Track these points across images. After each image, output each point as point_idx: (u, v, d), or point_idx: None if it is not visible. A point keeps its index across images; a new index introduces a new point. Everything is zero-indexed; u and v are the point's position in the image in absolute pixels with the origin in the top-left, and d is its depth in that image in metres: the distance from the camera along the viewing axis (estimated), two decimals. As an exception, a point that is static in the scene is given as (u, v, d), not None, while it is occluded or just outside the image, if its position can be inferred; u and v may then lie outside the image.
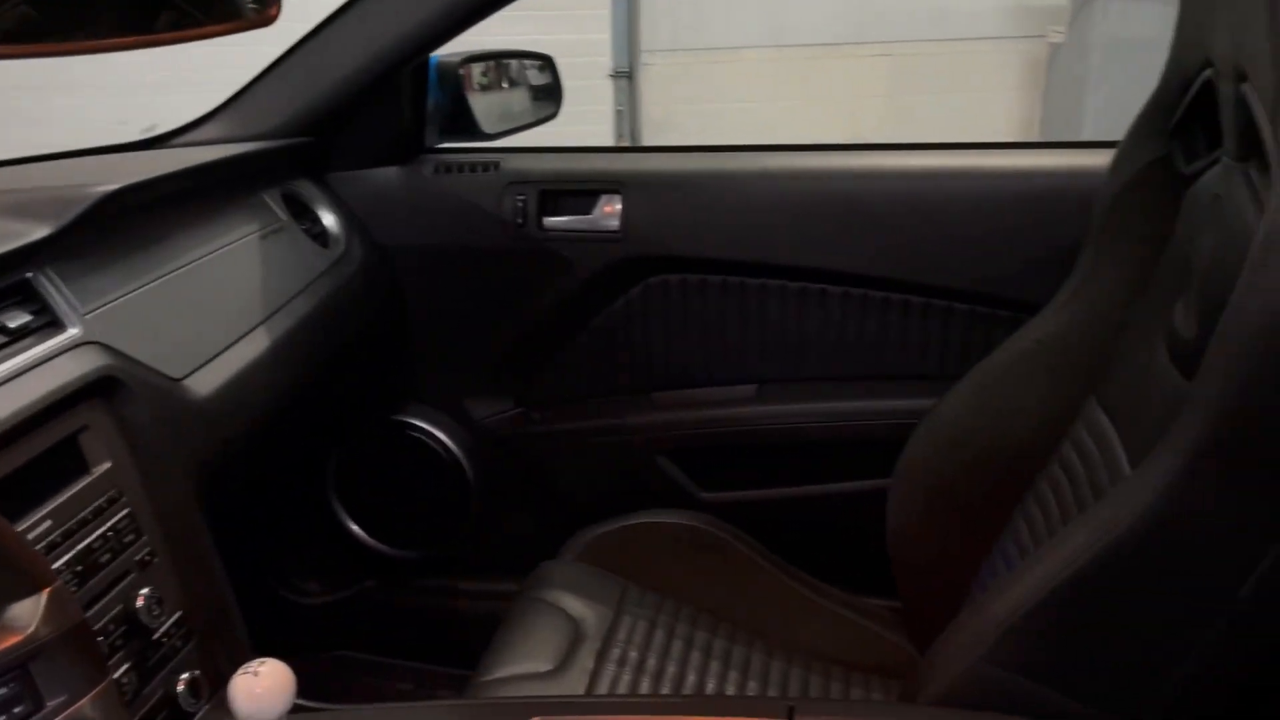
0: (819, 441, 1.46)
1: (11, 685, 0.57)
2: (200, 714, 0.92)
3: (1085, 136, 3.74)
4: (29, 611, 0.58)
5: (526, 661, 1.20)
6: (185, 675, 0.91)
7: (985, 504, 1.22)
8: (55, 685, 0.58)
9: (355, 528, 1.63)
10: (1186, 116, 1.05)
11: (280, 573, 1.64)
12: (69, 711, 0.59)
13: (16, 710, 0.57)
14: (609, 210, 1.46)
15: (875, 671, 1.28)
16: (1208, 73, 0.97)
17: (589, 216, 1.47)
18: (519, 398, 1.57)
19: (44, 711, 0.58)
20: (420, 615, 1.63)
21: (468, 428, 1.57)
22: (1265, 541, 0.76)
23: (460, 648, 1.40)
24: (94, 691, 0.60)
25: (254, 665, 0.82)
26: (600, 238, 1.46)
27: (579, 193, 1.47)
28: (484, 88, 1.57)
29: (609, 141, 4.55)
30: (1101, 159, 1.28)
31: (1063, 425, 1.14)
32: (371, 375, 1.52)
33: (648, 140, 4.68)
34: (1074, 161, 1.33)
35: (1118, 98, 3.50)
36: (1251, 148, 0.86)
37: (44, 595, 0.58)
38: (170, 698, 0.89)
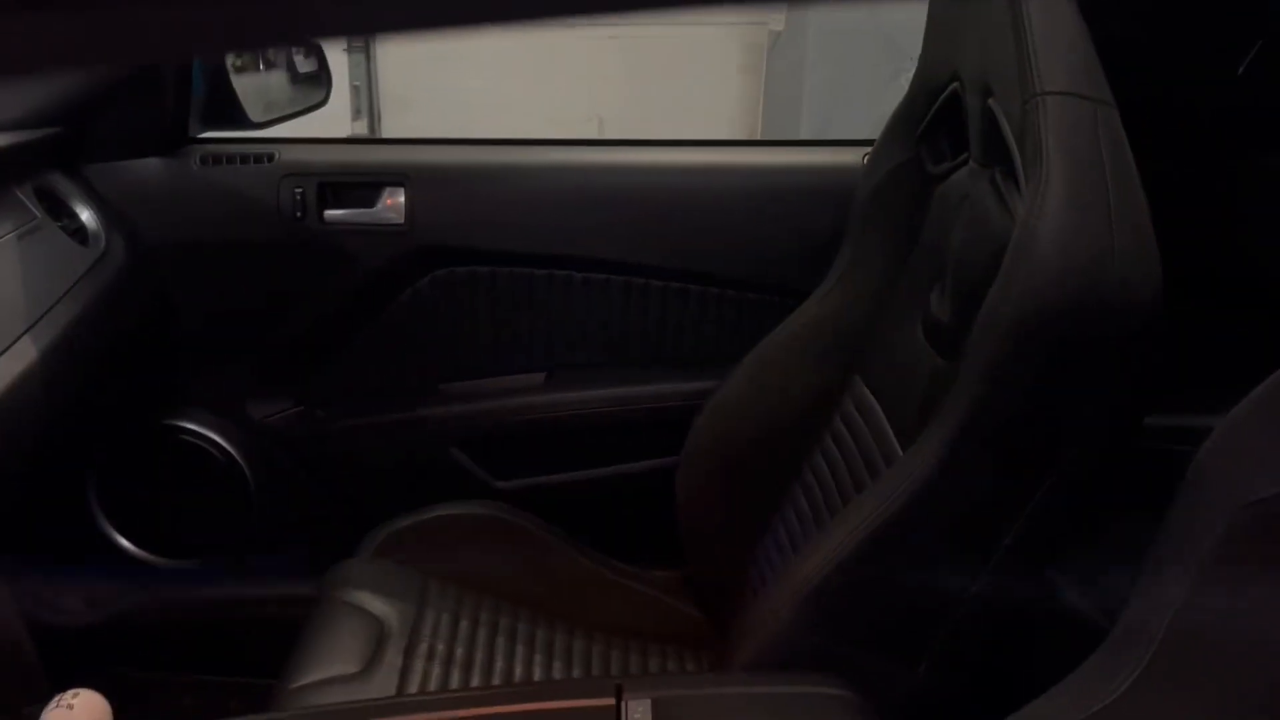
0: (608, 425, 1.51)
1: None
2: (-7, 755, 0.87)
3: (803, 117, 3.97)
4: None
5: (333, 665, 1.19)
6: (-24, 716, 0.85)
7: (766, 476, 1.31)
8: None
9: (122, 540, 1.54)
10: (934, 124, 1.17)
11: (35, 595, 1.53)
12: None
13: None
14: (391, 203, 1.45)
15: (673, 641, 1.35)
16: (954, 85, 1.09)
17: (371, 210, 1.45)
18: (302, 396, 1.53)
19: None
20: (203, 627, 1.56)
21: (247, 429, 1.51)
22: (1019, 507, 0.88)
23: (252, 656, 1.36)
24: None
25: (67, 698, 0.79)
26: (384, 230, 1.44)
27: (360, 185, 1.45)
28: (242, 71, 1.51)
29: (347, 117, 4.42)
30: (857, 156, 1.40)
31: (833, 401, 1.25)
32: (140, 379, 1.44)
33: (389, 118, 4.56)
34: (833, 159, 1.45)
35: (831, 81, 3.77)
36: (996, 154, 0.98)
37: None
38: None
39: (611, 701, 0.89)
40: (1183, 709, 0.56)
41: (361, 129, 4.57)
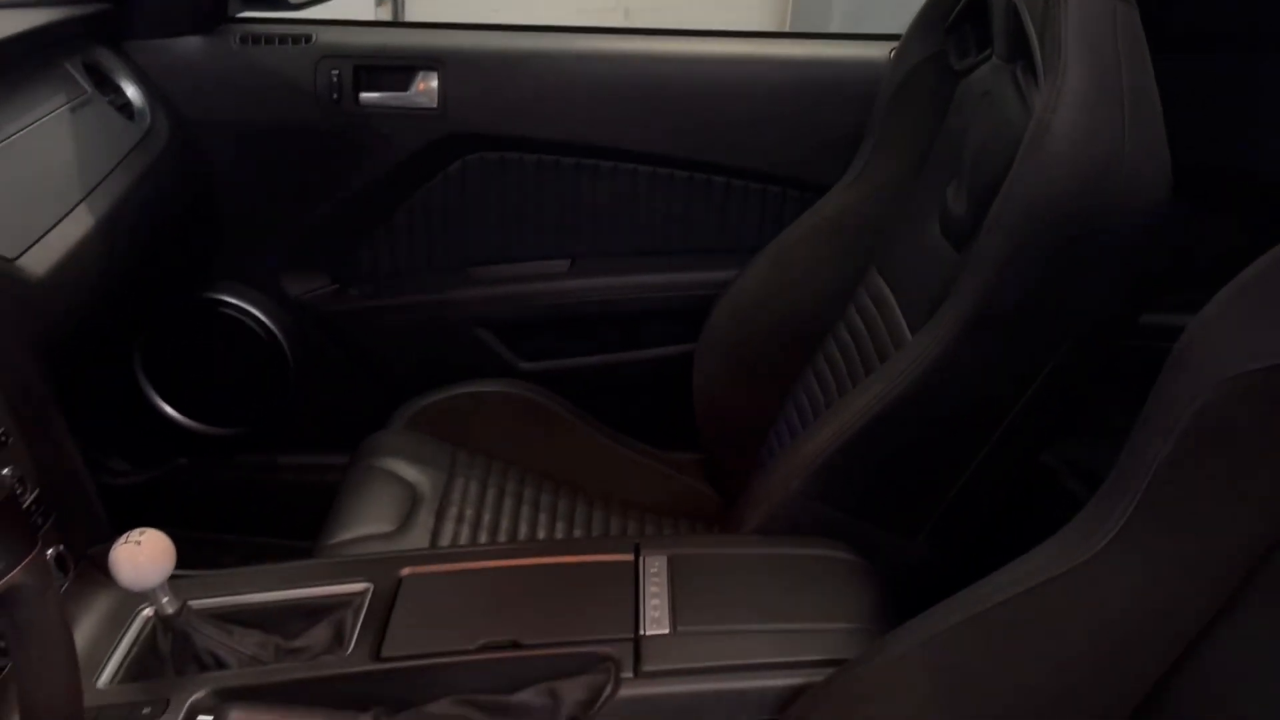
0: (629, 312, 1.57)
1: (-52, 561, 0.59)
2: (65, 587, 0.94)
3: (834, 9, 3.90)
4: (-43, 488, 0.60)
5: (369, 525, 1.27)
6: (50, 551, 0.92)
7: (780, 364, 1.37)
8: (-11, 556, 0.61)
9: (165, 406, 1.61)
10: (960, 18, 1.19)
11: (84, 453, 1.61)
12: (6, 579, 0.62)
13: (-45, 581, 0.60)
14: (424, 87, 1.48)
15: (688, 517, 1.43)
16: None
17: (405, 93, 1.48)
18: (336, 274, 1.58)
19: (-19, 580, 0.61)
20: (242, 490, 1.65)
21: (284, 305, 1.57)
22: (1021, 387, 0.94)
23: (287, 520, 1.44)
24: (25, 561, 0.63)
25: (134, 535, 0.86)
26: (417, 114, 1.48)
27: (395, 69, 1.48)
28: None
29: (371, 9, 4.37)
30: (884, 51, 1.42)
31: (848, 292, 1.30)
32: (182, 253, 1.49)
33: (412, 4, 4.51)
34: (860, 53, 1.46)
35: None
36: (1018, 50, 1.01)
37: (-27, 471, 0.60)
38: None
39: (630, 557, 0.96)
40: (1159, 563, 0.61)
41: (385, 14, 4.52)
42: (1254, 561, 0.57)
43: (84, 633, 0.91)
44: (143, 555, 0.84)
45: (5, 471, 0.88)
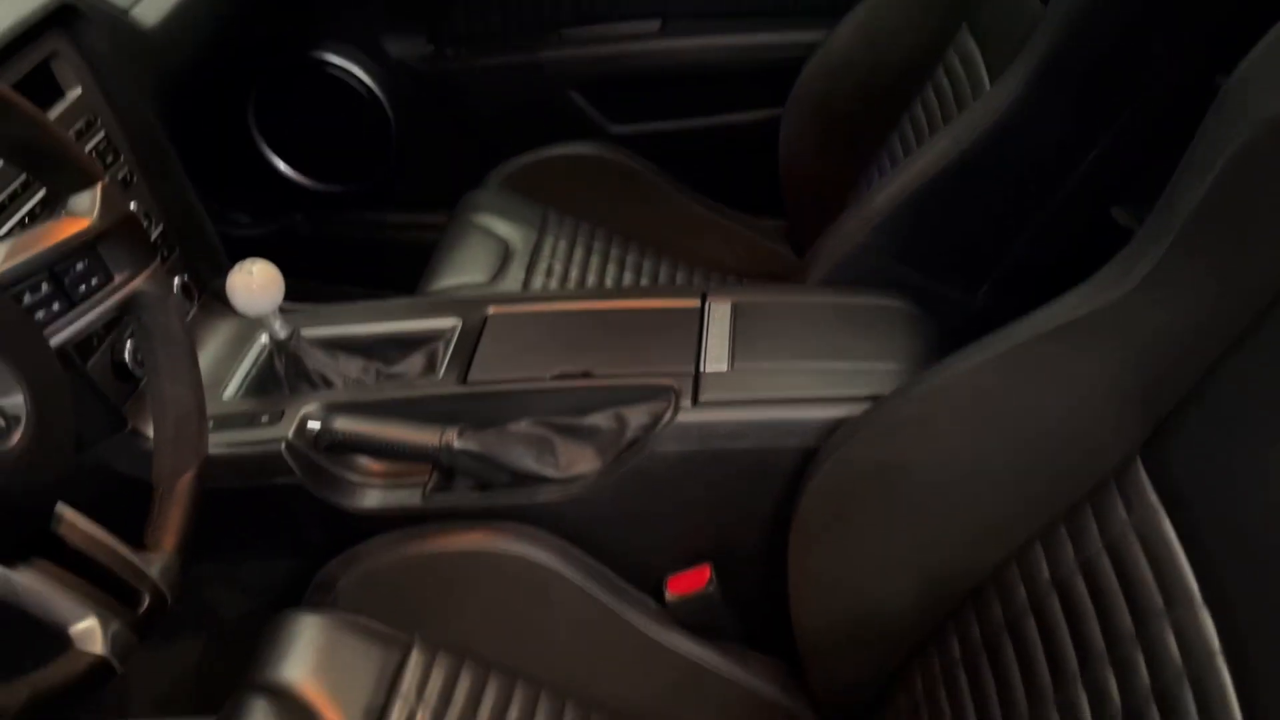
0: (718, 74, 1.56)
1: (86, 262, 0.69)
2: (192, 313, 1.06)
3: None
4: (88, 202, 0.69)
5: (464, 275, 1.35)
6: (177, 280, 1.03)
7: (866, 125, 1.37)
8: (119, 263, 0.70)
9: (280, 163, 1.71)
10: None
11: (209, 206, 1.72)
12: (131, 285, 0.71)
13: (93, 281, 0.69)
14: None
15: (764, 277, 1.48)
16: None
17: None
18: (433, 35, 1.61)
19: (113, 284, 0.70)
20: (350, 246, 1.76)
21: (385, 65, 1.62)
22: (1090, 144, 0.94)
23: (391, 275, 1.53)
24: (148, 270, 0.72)
25: (247, 265, 0.95)
26: None
27: None
28: None
29: None
30: None
31: (938, 52, 1.28)
32: (288, 13, 1.54)
33: None
34: None
35: None
36: None
37: (98, 188, 0.69)
38: None
39: (697, 303, 1.02)
40: (1189, 296, 0.64)
41: None
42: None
43: (210, 354, 1.03)
44: (255, 282, 0.94)
45: (132, 204, 0.98)
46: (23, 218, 0.84)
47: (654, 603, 0.92)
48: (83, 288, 0.69)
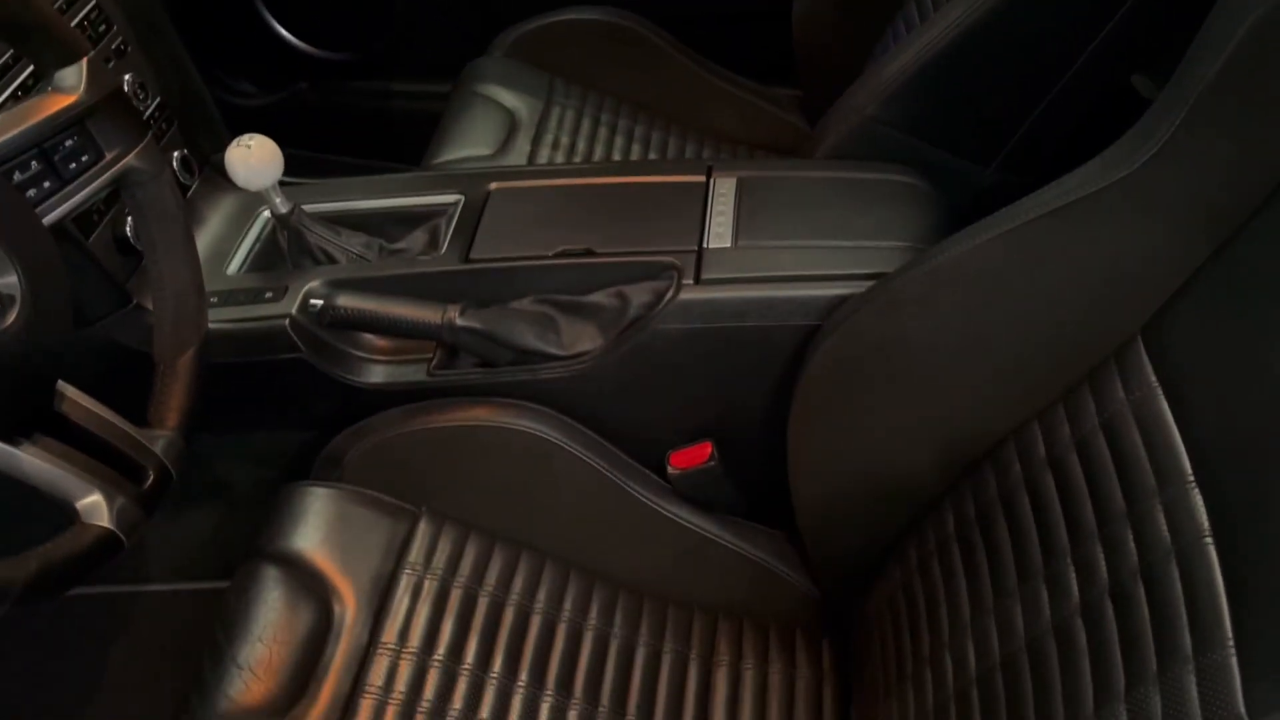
0: None
1: (75, 139, 0.68)
2: (194, 188, 1.05)
3: None
4: (74, 77, 0.67)
5: (468, 147, 1.33)
6: (176, 154, 1.02)
7: None
8: (109, 139, 0.70)
9: (283, 30, 1.67)
10: None
11: (214, 75, 1.70)
12: (123, 161, 0.71)
13: (83, 159, 0.69)
14: None
15: (776, 149, 1.45)
16: None
17: None
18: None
19: (104, 160, 0.70)
20: (356, 116, 1.72)
21: None
22: (1108, 14, 0.90)
23: (398, 144, 1.51)
24: (140, 146, 0.71)
25: (245, 139, 0.94)
26: None
27: None
28: None
29: None
30: None
31: None
32: None
33: None
34: None
35: None
36: None
37: (84, 62, 0.67)
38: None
39: (702, 178, 1.00)
40: (1200, 173, 0.62)
41: None
42: None
43: (212, 229, 1.03)
44: (254, 156, 0.93)
45: (126, 77, 0.96)
46: (14, 93, 0.82)
47: (656, 477, 0.93)
48: (73, 165, 0.68)
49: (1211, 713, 0.50)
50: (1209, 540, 0.56)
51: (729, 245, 0.91)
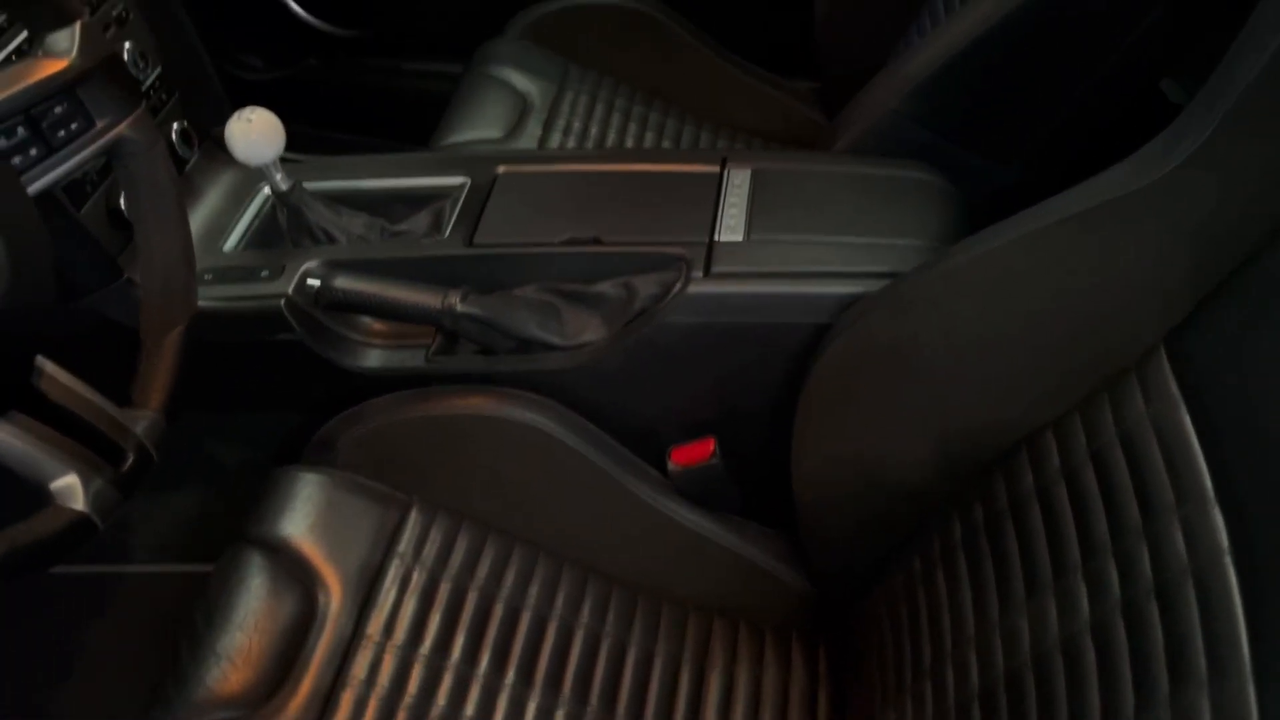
0: None
1: (65, 106, 0.66)
2: (193, 161, 1.03)
3: None
4: (66, 41, 0.65)
5: (479, 130, 1.31)
6: (175, 125, 1.00)
7: None
8: (101, 108, 0.67)
9: (295, 5, 1.64)
10: None
11: (223, 49, 1.67)
12: (115, 131, 0.68)
13: (73, 127, 0.66)
14: None
15: (792, 142, 1.42)
16: None
17: None
18: None
19: (95, 129, 0.67)
20: (365, 94, 1.70)
21: None
22: (1137, 18, 0.87)
23: (407, 124, 1.49)
24: (133, 116, 0.69)
25: (246, 113, 0.91)
26: None
27: None
28: None
29: None
30: None
31: None
32: None
33: None
34: None
35: None
36: None
37: (77, 26, 0.65)
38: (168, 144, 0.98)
39: (716, 169, 0.98)
40: (1235, 179, 0.59)
41: None
42: None
43: (210, 204, 1.01)
44: (254, 130, 0.90)
45: (126, 45, 0.94)
46: (9, 57, 0.80)
47: (656, 472, 0.91)
48: (62, 133, 0.66)
49: (1226, 744, 0.48)
50: (1228, 559, 0.54)
51: (741, 239, 0.89)
